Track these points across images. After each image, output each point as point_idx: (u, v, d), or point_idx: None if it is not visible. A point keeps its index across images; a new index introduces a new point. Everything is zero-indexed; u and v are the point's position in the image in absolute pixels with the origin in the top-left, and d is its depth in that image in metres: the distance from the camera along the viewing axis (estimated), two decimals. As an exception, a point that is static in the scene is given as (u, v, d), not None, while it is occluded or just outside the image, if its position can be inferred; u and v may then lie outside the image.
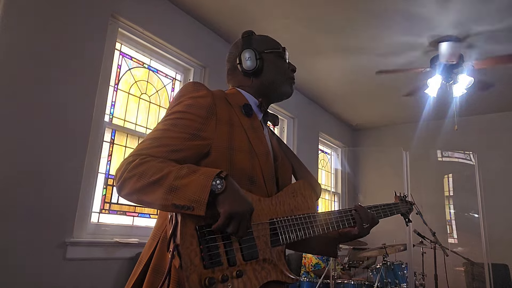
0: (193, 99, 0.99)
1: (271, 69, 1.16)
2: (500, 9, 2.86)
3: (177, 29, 3.10)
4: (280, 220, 0.99)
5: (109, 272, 2.44)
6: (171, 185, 0.82)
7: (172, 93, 3.23)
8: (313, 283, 3.16)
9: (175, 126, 0.94)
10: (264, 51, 1.16)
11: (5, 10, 2.03)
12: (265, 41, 1.20)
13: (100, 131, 2.53)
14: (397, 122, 5.74)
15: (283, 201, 1.04)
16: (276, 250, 0.97)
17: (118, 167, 0.90)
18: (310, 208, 1.11)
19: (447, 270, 3.37)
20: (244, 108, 1.08)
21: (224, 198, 0.83)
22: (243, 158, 0.99)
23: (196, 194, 0.80)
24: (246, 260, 0.88)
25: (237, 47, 1.19)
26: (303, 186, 1.13)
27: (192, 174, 0.84)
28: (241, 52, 1.15)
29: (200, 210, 0.80)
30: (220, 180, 0.83)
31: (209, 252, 0.82)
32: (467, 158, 4.58)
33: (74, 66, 2.34)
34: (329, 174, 5.65)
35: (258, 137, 1.07)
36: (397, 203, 1.46)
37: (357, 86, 4.52)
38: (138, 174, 0.84)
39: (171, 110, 0.99)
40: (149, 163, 0.86)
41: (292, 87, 1.21)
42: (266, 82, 1.15)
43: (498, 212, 4.43)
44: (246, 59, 1.14)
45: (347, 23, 3.19)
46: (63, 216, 2.22)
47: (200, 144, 0.94)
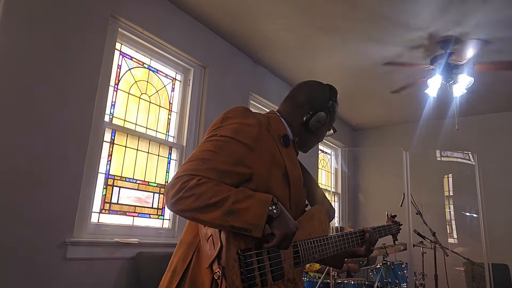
0: (241, 125, 1.04)
1: (318, 136, 1.27)
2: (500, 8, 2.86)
3: (177, 29, 3.10)
4: (302, 243, 1.10)
5: (109, 272, 2.44)
6: (230, 208, 0.91)
7: (172, 93, 3.23)
8: (313, 283, 3.15)
9: (223, 149, 0.99)
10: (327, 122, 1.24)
11: (5, 10, 2.03)
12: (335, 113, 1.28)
13: (100, 131, 2.53)
14: (397, 122, 5.74)
15: (303, 225, 1.15)
16: (297, 270, 1.09)
17: (172, 184, 0.94)
18: (324, 231, 1.23)
19: (447, 270, 3.37)
20: (283, 139, 1.14)
21: (279, 222, 0.95)
22: (278, 187, 1.07)
23: (254, 218, 0.91)
24: (275, 280, 0.99)
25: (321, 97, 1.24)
26: (319, 211, 1.24)
27: (248, 199, 0.93)
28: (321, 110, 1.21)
29: (257, 233, 0.91)
30: (276, 206, 0.95)
31: (248, 275, 0.92)
32: (467, 158, 4.58)
33: (74, 66, 2.34)
34: (329, 174, 5.65)
35: (295, 166, 1.15)
36: (390, 225, 1.62)
37: (357, 86, 4.52)
38: (197, 195, 0.91)
39: (217, 130, 1.03)
40: (206, 184, 0.92)
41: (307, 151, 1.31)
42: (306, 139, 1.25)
43: (498, 212, 4.43)
44: (317, 120, 1.20)
45: (347, 23, 3.19)
46: (63, 216, 2.22)
47: (244, 171, 1.00)
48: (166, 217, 2.97)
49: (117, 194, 2.65)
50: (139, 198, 2.80)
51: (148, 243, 2.68)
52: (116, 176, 2.66)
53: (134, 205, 2.75)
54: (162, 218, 2.95)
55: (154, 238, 2.77)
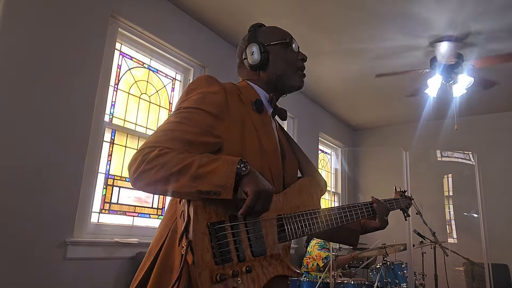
0: (204, 94, 0.98)
1: (278, 61, 1.13)
2: (500, 8, 2.86)
3: (177, 29, 3.10)
4: (287, 216, 1.01)
5: (109, 272, 2.44)
6: (195, 173, 0.83)
7: (172, 93, 3.23)
8: (313, 283, 3.15)
9: (187, 119, 0.94)
10: (270, 43, 1.14)
11: (5, 10, 2.03)
12: (271, 33, 1.17)
13: (100, 131, 2.53)
14: (397, 122, 5.74)
15: (289, 198, 1.05)
16: (283, 245, 0.99)
17: (133, 159, 0.89)
18: (316, 204, 1.13)
19: (447, 270, 3.37)
20: (256, 104, 1.08)
21: (250, 179, 0.85)
22: (252, 157, 0.99)
23: (221, 179, 0.83)
24: (255, 256, 0.90)
25: (244, 41, 1.18)
26: (309, 183, 1.14)
27: (214, 161, 0.86)
28: (247, 46, 1.14)
29: (227, 194, 0.82)
30: (244, 164, 0.86)
31: (220, 249, 0.84)
32: (467, 158, 4.59)
33: (74, 66, 2.34)
34: (329, 174, 5.65)
35: (268, 134, 1.07)
36: (398, 198, 1.47)
37: (357, 86, 4.52)
38: (159, 165, 0.85)
39: (182, 103, 0.99)
40: (169, 154, 0.86)
41: (301, 78, 1.18)
42: (273, 76, 1.13)
43: (498, 212, 4.43)
44: (251, 54, 1.13)
45: (347, 23, 3.19)
46: (63, 216, 2.22)
47: (212, 141, 0.95)
48: (166, 217, 2.97)
49: (117, 194, 2.65)
50: (139, 198, 2.80)
51: (148, 243, 2.65)
52: (116, 176, 2.66)
53: (134, 205, 2.75)
54: (162, 217, 2.95)
55: (154, 238, 2.76)
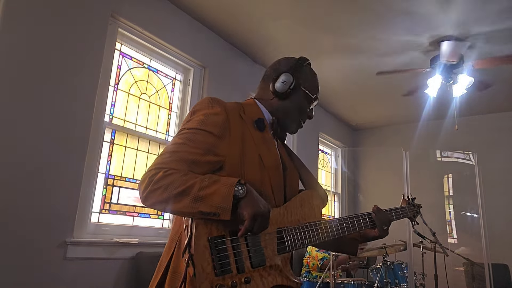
0: (206, 115, 1.04)
1: (294, 104, 1.20)
2: (501, 10, 2.86)
3: (177, 29, 3.10)
4: (287, 229, 1.05)
5: (109, 272, 2.44)
6: (196, 195, 0.90)
7: (172, 93, 3.23)
8: (313, 283, 3.15)
9: (190, 141, 1.00)
10: (301, 86, 1.19)
11: (5, 10, 2.03)
12: (310, 80, 1.23)
13: (100, 131, 2.53)
14: (397, 122, 5.74)
15: (291, 211, 1.09)
16: (282, 256, 1.03)
17: (142, 179, 0.97)
18: (317, 217, 1.16)
19: (447, 270, 3.37)
20: (257, 123, 1.12)
21: (247, 202, 0.91)
22: (252, 172, 1.04)
23: (221, 202, 0.89)
24: (254, 267, 0.95)
25: (286, 64, 1.21)
26: (310, 196, 1.18)
27: (214, 184, 0.92)
28: (284, 72, 1.18)
29: (225, 215, 0.89)
30: (242, 186, 0.92)
31: (220, 261, 0.90)
32: (467, 158, 4.58)
33: (74, 66, 2.34)
34: (329, 174, 5.65)
35: (269, 150, 1.11)
36: (405, 207, 1.48)
37: (357, 86, 4.52)
38: (164, 186, 0.92)
39: (186, 124, 1.05)
40: (173, 176, 0.93)
41: (297, 129, 1.25)
42: (282, 110, 1.19)
43: (498, 212, 4.43)
44: (282, 81, 1.17)
45: (347, 23, 3.19)
46: (64, 216, 2.22)
47: (213, 160, 1.00)
48: (166, 217, 2.97)
49: (117, 194, 2.65)
50: (139, 198, 2.79)
51: (148, 243, 2.68)
52: (116, 176, 2.66)
53: (134, 205, 2.75)
54: (162, 218, 2.95)
55: (154, 238, 2.77)
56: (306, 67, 1.23)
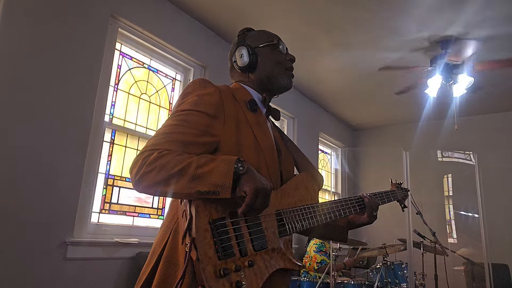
0: (200, 96, 1.02)
1: (266, 62, 1.17)
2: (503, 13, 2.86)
3: (177, 29, 3.10)
4: (286, 211, 1.04)
5: (109, 272, 2.44)
6: (194, 174, 0.86)
7: (172, 93, 3.23)
8: (313, 283, 3.15)
9: (185, 121, 0.97)
10: (258, 46, 1.18)
11: (5, 10, 2.03)
12: (259, 36, 1.22)
13: (100, 131, 2.53)
14: (397, 122, 5.74)
15: (287, 193, 1.08)
16: (284, 239, 1.02)
17: (134, 162, 0.92)
18: (313, 199, 1.15)
19: (447, 270, 3.37)
20: (250, 104, 1.11)
21: (248, 178, 0.87)
22: (249, 154, 1.02)
23: (220, 179, 0.85)
24: (256, 250, 0.93)
25: (234, 45, 1.22)
26: (306, 178, 1.17)
27: (212, 162, 0.88)
28: (236, 50, 1.18)
29: (226, 193, 0.85)
30: (241, 163, 0.88)
31: (222, 244, 0.87)
32: (467, 158, 4.58)
33: (74, 66, 2.34)
34: (329, 174, 5.65)
35: (263, 132, 1.10)
36: (394, 190, 1.51)
37: (357, 86, 4.52)
38: (159, 167, 0.87)
39: (179, 106, 1.02)
40: (168, 156, 0.89)
41: (290, 79, 1.21)
42: (263, 76, 1.17)
43: (498, 212, 4.43)
44: (240, 56, 1.16)
45: (347, 23, 3.19)
46: (64, 216, 2.22)
47: (209, 141, 0.98)
48: (166, 217, 2.97)
49: (117, 194, 2.65)
50: (139, 198, 2.80)
51: (148, 243, 2.68)
52: (116, 176, 2.66)
53: (134, 205, 2.75)
54: (162, 218, 2.95)
55: (154, 238, 2.76)
56: (248, 32, 1.23)
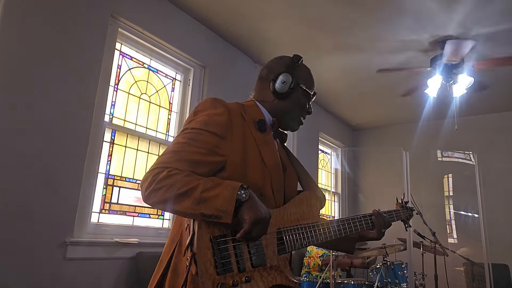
0: (210, 116, 1.05)
1: (294, 101, 1.23)
2: (502, 11, 2.86)
3: (177, 29, 3.10)
4: (286, 230, 1.07)
5: (109, 272, 2.44)
6: (200, 197, 0.91)
7: (172, 93, 3.23)
8: (313, 283, 3.15)
9: (194, 140, 1.00)
10: (299, 84, 1.22)
11: (5, 10, 2.03)
12: (305, 76, 1.27)
13: (100, 131, 2.53)
14: (397, 122, 5.74)
15: (290, 211, 1.11)
16: (282, 257, 1.05)
17: (144, 178, 0.97)
18: (315, 217, 1.18)
19: (447, 270, 3.37)
20: (258, 124, 1.14)
21: (248, 207, 0.92)
22: (254, 172, 1.06)
23: (223, 205, 0.90)
24: (254, 266, 0.97)
25: (281, 64, 1.24)
26: (309, 197, 1.20)
27: (217, 187, 0.93)
28: (282, 72, 1.20)
29: (227, 219, 0.90)
30: (245, 191, 0.93)
31: (222, 261, 0.91)
32: (467, 158, 4.58)
33: (74, 66, 2.34)
34: (329, 174, 5.65)
35: (270, 150, 1.12)
36: (398, 210, 1.52)
37: (357, 86, 4.52)
38: (167, 186, 0.92)
39: (189, 124, 1.05)
40: (176, 176, 0.94)
41: (299, 126, 1.29)
42: (283, 109, 1.22)
43: (498, 212, 4.43)
44: (281, 82, 1.19)
45: (347, 23, 3.18)
46: (63, 216, 2.22)
47: (217, 160, 1.01)
48: (166, 217, 2.97)
49: (117, 194, 2.65)
50: (139, 198, 2.79)
51: (148, 243, 2.68)
52: (116, 176, 2.66)
53: (134, 205, 2.75)
54: (162, 218, 2.95)
55: (154, 238, 2.77)
56: (301, 64, 1.27)
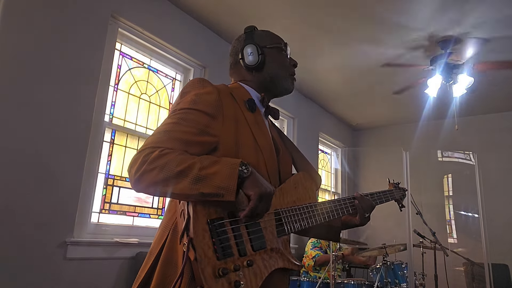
0: (198, 95, 1.01)
1: (273, 64, 1.18)
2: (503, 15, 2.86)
3: (177, 29, 3.10)
4: (284, 210, 1.04)
5: (109, 272, 2.44)
6: (197, 175, 0.85)
7: (172, 93, 3.23)
8: (313, 283, 3.15)
9: (184, 120, 0.96)
10: (266, 46, 1.18)
11: (5, 10, 2.03)
12: (267, 36, 1.22)
13: (100, 131, 2.53)
14: (397, 122, 5.74)
15: (285, 193, 1.08)
16: (282, 239, 1.02)
17: (133, 160, 0.89)
18: (311, 198, 1.16)
19: (447, 270, 3.37)
20: (248, 103, 1.10)
21: (251, 182, 0.87)
22: (248, 153, 1.02)
23: (224, 181, 0.85)
24: (255, 250, 0.92)
25: (240, 41, 1.21)
26: (304, 178, 1.17)
27: (216, 164, 0.87)
28: (244, 47, 1.17)
29: (230, 196, 0.84)
30: (245, 166, 0.88)
31: (221, 244, 0.86)
32: (467, 158, 4.58)
33: (74, 66, 2.34)
34: (329, 174, 5.65)
35: (262, 132, 1.09)
36: (392, 190, 1.51)
37: (357, 86, 4.52)
38: (160, 166, 0.86)
39: (178, 105, 1.01)
40: (170, 155, 0.87)
41: (293, 83, 1.23)
42: (267, 77, 1.17)
43: (498, 212, 4.43)
44: (248, 54, 1.16)
45: (347, 23, 3.19)
46: (64, 216, 2.22)
47: (209, 140, 0.97)
48: (166, 217, 2.97)
49: (117, 194, 2.65)
50: (139, 198, 2.80)
51: (148, 243, 2.67)
52: (116, 176, 2.66)
53: (134, 205, 2.75)
54: (162, 218, 2.95)
55: (153, 238, 2.76)
56: (256, 31, 1.23)
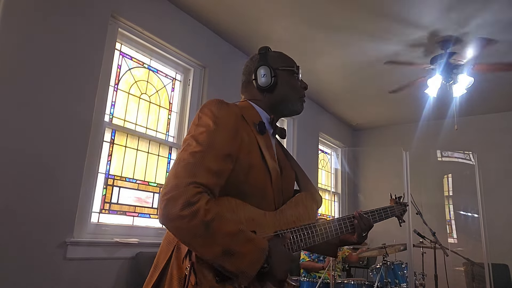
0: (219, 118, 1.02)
1: (284, 86, 1.20)
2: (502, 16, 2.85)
3: (177, 29, 3.10)
4: (283, 232, 1.06)
5: (109, 272, 2.44)
6: (229, 249, 0.87)
7: (172, 93, 3.23)
8: (313, 283, 3.15)
9: (210, 147, 0.95)
10: (279, 68, 1.20)
11: (5, 10, 2.03)
12: (280, 58, 1.24)
13: (100, 131, 2.53)
14: (397, 122, 5.74)
15: (286, 213, 1.11)
16: None
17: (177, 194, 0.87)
18: (311, 218, 1.18)
19: (447, 270, 3.37)
20: (259, 126, 1.12)
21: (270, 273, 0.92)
22: (258, 175, 1.05)
23: (246, 268, 0.88)
24: None
25: (254, 62, 1.23)
26: (305, 198, 1.19)
27: (248, 243, 0.90)
28: (257, 68, 1.19)
29: (245, 281, 0.89)
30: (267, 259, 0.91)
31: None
32: (467, 158, 4.58)
33: (74, 66, 2.34)
34: (329, 174, 5.65)
35: (270, 154, 1.12)
36: (392, 206, 1.52)
37: (357, 86, 4.52)
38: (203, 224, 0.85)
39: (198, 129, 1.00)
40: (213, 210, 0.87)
41: (302, 105, 1.25)
42: (278, 99, 1.20)
43: (498, 212, 4.43)
44: (262, 76, 1.18)
45: (347, 23, 3.18)
46: (63, 216, 2.22)
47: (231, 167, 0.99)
48: (166, 217, 2.96)
49: (117, 194, 2.65)
50: (139, 198, 2.80)
51: (148, 243, 2.68)
52: (116, 176, 2.66)
53: (134, 205, 2.75)
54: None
55: (154, 238, 2.77)
56: (269, 52, 1.24)
